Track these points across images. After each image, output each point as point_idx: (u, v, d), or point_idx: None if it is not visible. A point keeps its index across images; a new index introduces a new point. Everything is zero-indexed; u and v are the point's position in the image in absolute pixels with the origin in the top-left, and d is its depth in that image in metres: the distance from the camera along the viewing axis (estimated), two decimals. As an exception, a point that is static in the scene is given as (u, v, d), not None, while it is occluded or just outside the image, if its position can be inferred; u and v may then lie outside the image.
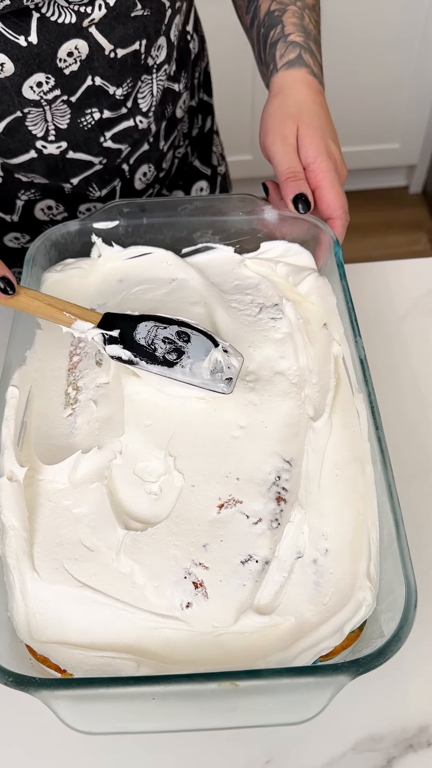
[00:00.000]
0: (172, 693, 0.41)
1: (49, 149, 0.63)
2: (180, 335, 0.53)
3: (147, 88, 0.65)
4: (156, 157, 0.73)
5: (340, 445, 0.52)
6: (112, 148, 0.67)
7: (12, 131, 0.62)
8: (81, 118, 0.63)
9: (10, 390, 0.53)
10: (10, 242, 0.73)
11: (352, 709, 0.48)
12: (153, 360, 0.53)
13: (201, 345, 0.53)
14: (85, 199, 0.71)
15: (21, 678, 0.40)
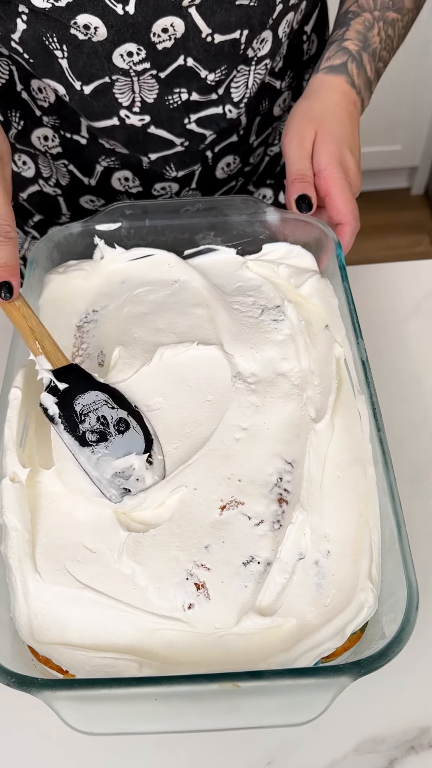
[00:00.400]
0: (174, 694, 0.41)
1: (132, 120, 0.64)
2: (119, 423, 0.50)
3: (242, 78, 0.64)
4: (244, 150, 0.72)
5: (341, 446, 0.52)
6: (195, 132, 0.66)
7: (99, 95, 0.62)
8: (168, 95, 0.63)
9: (13, 391, 0.53)
10: (85, 203, 0.74)
11: (354, 710, 0.48)
12: (72, 430, 0.50)
13: (129, 444, 0.50)
14: (161, 177, 0.70)
15: (23, 679, 0.40)
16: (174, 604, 0.45)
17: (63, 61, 0.59)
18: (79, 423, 0.50)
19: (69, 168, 0.70)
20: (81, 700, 0.42)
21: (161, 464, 0.51)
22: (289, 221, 0.64)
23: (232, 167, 0.73)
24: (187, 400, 0.55)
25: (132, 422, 0.51)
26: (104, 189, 0.72)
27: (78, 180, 0.71)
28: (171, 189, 0.71)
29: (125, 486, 0.49)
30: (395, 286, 0.75)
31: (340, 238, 0.60)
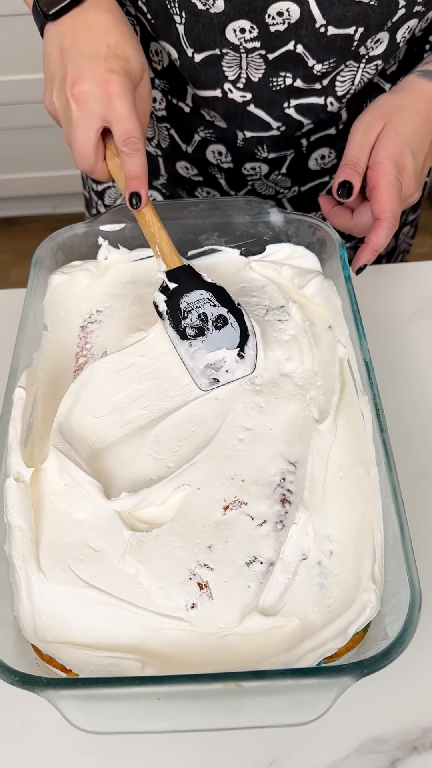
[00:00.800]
0: (177, 693, 0.41)
1: (234, 95, 0.65)
2: (217, 320, 0.56)
3: (350, 74, 0.64)
4: (341, 146, 0.71)
5: (344, 447, 0.52)
6: (293, 117, 0.67)
7: (207, 65, 0.64)
8: (273, 77, 0.64)
9: (17, 391, 0.53)
10: (180, 170, 0.76)
11: (356, 711, 0.48)
12: (176, 325, 0.56)
13: (224, 339, 0.56)
14: (252, 157, 0.71)
15: (27, 677, 0.41)
16: (177, 603, 0.45)
17: (180, 27, 0.62)
18: (182, 319, 0.56)
19: (170, 132, 0.72)
20: (84, 699, 0.42)
21: (253, 359, 0.56)
22: (292, 221, 0.64)
23: (327, 161, 0.73)
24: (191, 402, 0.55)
25: (231, 319, 0.56)
26: (199, 159, 0.73)
27: (177, 145, 0.73)
28: (260, 170, 0.72)
29: (215, 376, 0.55)
30: (399, 287, 0.75)
31: (374, 235, 0.59)
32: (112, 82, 0.54)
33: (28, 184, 1.88)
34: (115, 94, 0.54)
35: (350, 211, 0.63)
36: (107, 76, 0.54)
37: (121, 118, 0.54)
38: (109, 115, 0.55)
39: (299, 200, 0.77)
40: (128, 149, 0.55)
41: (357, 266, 0.61)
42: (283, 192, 0.75)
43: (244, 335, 0.56)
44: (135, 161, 0.55)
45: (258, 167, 0.72)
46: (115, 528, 0.48)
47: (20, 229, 1.98)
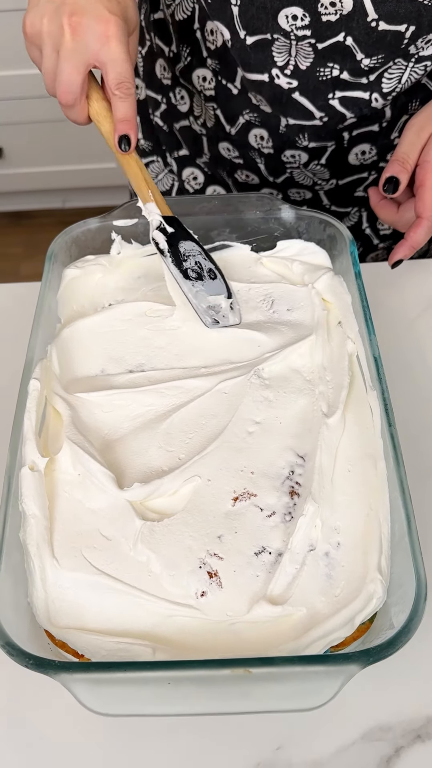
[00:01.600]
0: (187, 678, 0.42)
1: (280, 81, 0.66)
2: (210, 271, 0.59)
3: (398, 72, 0.64)
4: (383, 144, 0.72)
5: (353, 441, 0.53)
6: (336, 109, 0.67)
7: (257, 49, 0.64)
8: (320, 67, 0.64)
9: (32, 383, 0.54)
10: (222, 150, 0.77)
11: (362, 698, 0.49)
12: (177, 265, 0.58)
13: (218, 288, 0.59)
14: (293, 145, 0.72)
15: (41, 661, 0.42)
16: (187, 591, 0.46)
17: (235, 8, 0.62)
18: (183, 261, 0.58)
19: (216, 112, 0.73)
20: (97, 682, 0.43)
21: (239, 313, 0.60)
22: (304, 218, 0.65)
23: (367, 156, 0.73)
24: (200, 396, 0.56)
25: (218, 273, 0.60)
26: (241, 142, 0.74)
27: (221, 126, 0.74)
28: (300, 159, 0.73)
29: (215, 318, 0.59)
30: (409, 284, 0.75)
31: (414, 231, 0.60)
32: (111, 22, 0.54)
33: (38, 179, 1.89)
34: (113, 34, 0.54)
35: (397, 205, 0.64)
36: (107, 16, 0.54)
37: (117, 60, 0.54)
38: (104, 56, 0.54)
39: (336, 193, 0.78)
40: (121, 93, 0.55)
41: (393, 260, 0.62)
42: (320, 184, 0.76)
43: (228, 289, 0.60)
44: (127, 104, 0.55)
45: (298, 155, 0.72)
46: (127, 517, 0.49)
47: (30, 224, 1.99)
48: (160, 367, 0.58)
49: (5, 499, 0.49)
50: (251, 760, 0.47)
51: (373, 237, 0.84)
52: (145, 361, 0.59)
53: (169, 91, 0.78)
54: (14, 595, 0.46)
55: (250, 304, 0.62)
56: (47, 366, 0.57)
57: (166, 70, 0.77)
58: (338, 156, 0.73)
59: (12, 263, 1.88)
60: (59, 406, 0.55)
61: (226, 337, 0.60)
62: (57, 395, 0.56)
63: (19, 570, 0.48)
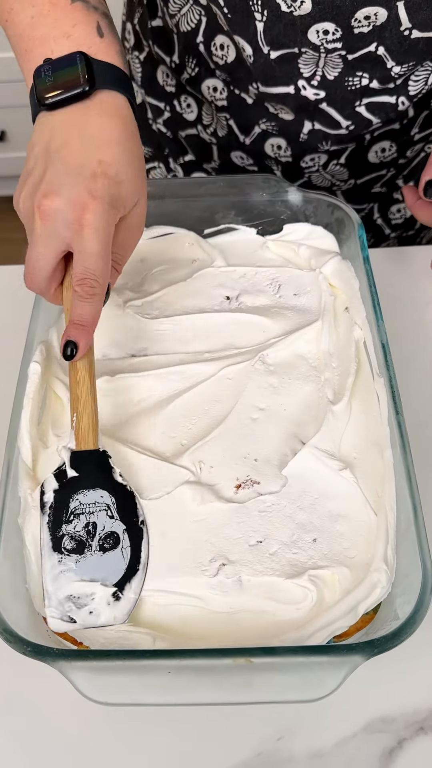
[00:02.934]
0: (188, 667, 0.41)
1: (307, 92, 0.64)
2: (107, 538, 0.45)
3: (424, 73, 0.63)
4: (403, 140, 0.71)
5: (359, 428, 0.52)
6: (363, 116, 0.66)
7: (283, 62, 0.62)
8: (349, 77, 0.62)
9: (32, 366, 0.53)
10: (235, 158, 0.74)
11: (364, 690, 0.48)
12: (53, 528, 0.45)
13: (104, 566, 0.45)
14: (313, 150, 0.70)
15: (39, 648, 0.41)
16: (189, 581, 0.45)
17: (259, 24, 0.59)
18: (64, 522, 0.45)
19: (229, 122, 0.70)
20: (96, 670, 0.43)
21: (130, 604, 0.44)
22: (311, 201, 0.64)
23: (387, 154, 0.72)
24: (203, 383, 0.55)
25: (124, 542, 0.45)
26: (256, 151, 0.72)
27: (235, 135, 0.71)
28: (319, 161, 0.71)
29: (71, 615, 0.43)
30: (417, 271, 0.74)
31: None
32: (89, 209, 0.45)
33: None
34: (89, 223, 0.45)
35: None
36: (86, 199, 0.45)
37: (86, 253, 0.45)
38: (75, 245, 0.45)
39: (353, 192, 0.76)
40: (82, 291, 0.45)
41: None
42: (338, 184, 0.74)
43: (131, 568, 0.45)
44: (86, 307, 0.46)
45: (317, 158, 0.71)
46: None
47: (33, 208, 1.97)
48: (162, 351, 0.57)
49: (4, 484, 0.48)
50: (252, 751, 0.47)
51: (385, 227, 0.83)
52: (148, 346, 0.58)
53: (173, 99, 0.75)
54: (12, 581, 0.46)
55: (256, 288, 0.61)
56: (48, 349, 0.56)
57: (170, 77, 0.73)
58: (358, 155, 0.72)
59: (14, 248, 1.86)
60: (60, 391, 0.54)
61: (230, 321, 0.59)
62: (58, 379, 0.55)
63: (18, 556, 0.47)
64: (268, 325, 0.58)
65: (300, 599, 0.45)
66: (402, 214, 0.81)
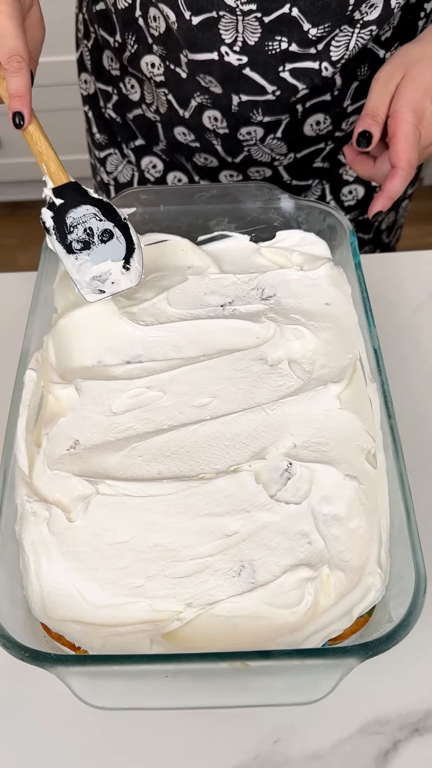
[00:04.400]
0: (185, 671, 0.41)
1: (230, 58, 0.65)
2: (103, 234, 0.57)
3: (344, 39, 0.65)
4: (336, 112, 0.72)
5: (352, 432, 0.52)
6: (288, 81, 0.67)
7: (204, 28, 0.64)
8: (269, 41, 0.64)
9: (28, 373, 0.54)
10: (178, 135, 0.76)
11: (360, 692, 0.49)
12: (62, 240, 0.57)
13: (110, 251, 0.58)
14: (247, 122, 0.71)
15: (37, 653, 0.41)
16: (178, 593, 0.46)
17: None
18: (68, 233, 0.58)
19: (168, 97, 0.73)
20: (93, 675, 0.43)
21: (138, 271, 0.58)
22: (303, 208, 0.64)
23: (322, 127, 0.73)
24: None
25: (116, 233, 0.58)
26: (196, 124, 0.74)
27: (175, 110, 0.73)
28: (256, 135, 0.72)
29: (101, 288, 0.58)
30: (407, 276, 0.75)
31: (390, 182, 0.59)
32: (1, 2, 0.54)
33: (34, 169, 1.87)
34: (3, 10, 0.54)
35: (373, 159, 0.63)
36: None
37: (6, 35, 0.54)
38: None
39: (295, 167, 0.77)
40: (12, 67, 0.54)
41: (372, 212, 0.60)
42: (279, 159, 0.75)
43: (129, 248, 0.58)
44: (18, 80, 0.55)
45: (253, 131, 0.72)
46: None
47: (26, 214, 1.97)
48: (158, 358, 0.58)
49: (1, 491, 0.48)
50: (249, 753, 0.47)
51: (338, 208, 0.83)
52: (143, 352, 0.58)
53: (119, 82, 0.78)
54: (10, 587, 0.46)
55: (249, 294, 0.62)
56: (44, 356, 0.57)
57: (114, 61, 0.77)
58: (294, 128, 0.73)
59: (8, 253, 1.87)
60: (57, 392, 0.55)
61: (223, 327, 0.59)
62: (54, 383, 0.55)
63: (15, 562, 0.47)
64: (261, 329, 0.59)
65: (295, 603, 0.45)
66: (354, 196, 0.82)
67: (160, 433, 0.53)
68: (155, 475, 0.51)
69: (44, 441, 0.53)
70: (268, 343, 0.57)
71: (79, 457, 0.52)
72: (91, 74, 0.82)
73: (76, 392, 0.55)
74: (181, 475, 0.51)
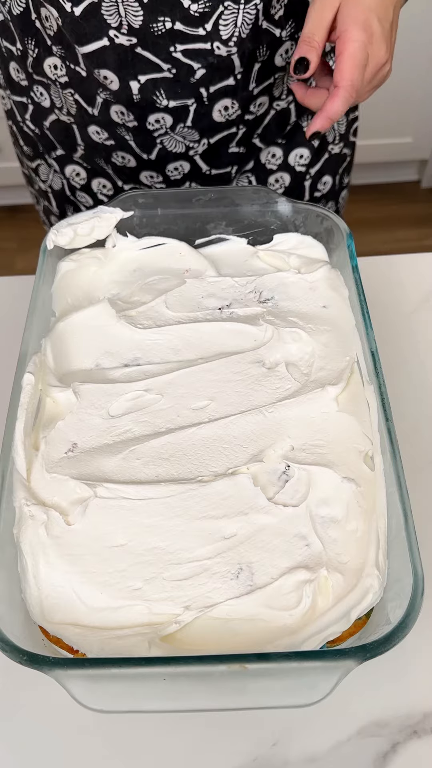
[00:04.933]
0: (183, 674, 0.41)
1: (120, 40, 0.65)
2: None
3: (231, 16, 0.64)
4: (243, 96, 0.71)
5: (349, 434, 0.53)
6: (182, 61, 0.66)
7: (88, 16, 0.63)
8: (153, 23, 0.63)
9: (26, 377, 0.54)
10: (93, 135, 0.75)
11: (358, 694, 0.49)
12: None
13: None
14: (153, 107, 0.70)
15: (35, 657, 0.41)
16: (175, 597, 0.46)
17: None
18: None
19: (75, 97, 0.72)
20: (91, 678, 0.43)
21: None
22: (300, 211, 0.65)
23: (231, 112, 0.72)
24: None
25: None
26: (106, 121, 0.73)
27: (84, 109, 0.73)
28: (165, 122, 0.71)
29: None
30: (404, 278, 0.75)
31: (330, 101, 0.57)
32: None
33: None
34: None
35: (326, 90, 0.61)
36: None
37: None
38: None
39: (210, 154, 0.76)
40: None
41: (310, 133, 0.59)
42: (193, 147, 0.74)
43: None
44: None
45: (162, 119, 0.71)
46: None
47: (24, 218, 1.97)
48: (156, 360, 0.58)
49: (-1, 494, 0.48)
50: (248, 756, 0.47)
51: None
52: (141, 355, 0.58)
53: (29, 91, 0.77)
54: (9, 590, 0.46)
55: (247, 297, 0.62)
56: (42, 360, 0.57)
57: (20, 72, 0.76)
58: (203, 115, 0.72)
59: (6, 257, 1.87)
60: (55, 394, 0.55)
61: (221, 330, 0.59)
62: (53, 387, 0.55)
63: (13, 565, 0.47)
64: (259, 332, 0.59)
65: (293, 605, 0.45)
66: (281, 183, 0.81)
67: (158, 436, 0.53)
68: (153, 478, 0.51)
69: (42, 444, 0.53)
70: (265, 346, 0.58)
71: (77, 460, 0.52)
72: (5, 89, 0.81)
73: (74, 395, 0.55)
74: (179, 478, 0.51)
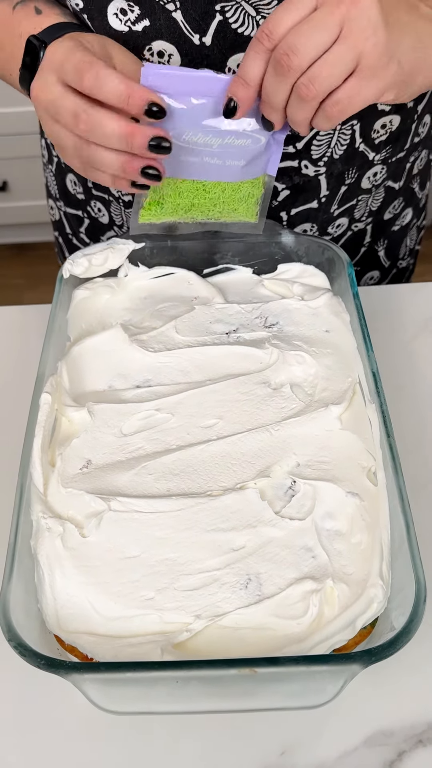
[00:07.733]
0: (195, 677, 0.43)
1: None
2: None
3: (326, 136, 0.63)
4: (323, 219, 0.71)
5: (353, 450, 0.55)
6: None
7: None
8: None
9: (44, 396, 0.56)
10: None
11: (364, 704, 0.50)
12: None
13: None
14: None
15: (53, 661, 0.43)
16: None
17: None
18: None
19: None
20: (106, 682, 0.44)
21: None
22: (303, 242, 0.68)
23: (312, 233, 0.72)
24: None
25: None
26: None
27: None
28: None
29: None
30: (404, 306, 0.77)
31: None
32: None
33: (39, 212, 1.93)
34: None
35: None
36: None
37: None
38: None
39: None
40: None
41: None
42: None
43: None
44: None
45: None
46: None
47: (32, 255, 2.02)
48: (166, 382, 0.60)
49: (17, 507, 0.50)
50: (256, 765, 0.48)
51: None
52: (152, 377, 0.61)
53: (86, 206, 0.76)
54: (26, 600, 0.47)
55: (252, 323, 0.65)
56: (58, 381, 0.59)
57: (77, 185, 0.75)
58: None
59: (15, 293, 1.91)
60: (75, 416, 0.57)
61: (228, 354, 0.62)
62: (68, 407, 0.58)
63: (30, 576, 0.49)
64: (265, 355, 0.61)
65: (300, 614, 0.47)
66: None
67: (168, 453, 0.55)
68: (165, 493, 0.53)
69: (58, 461, 0.55)
70: (271, 368, 0.60)
71: (92, 475, 0.54)
72: (57, 200, 0.80)
73: (88, 415, 0.57)
74: (189, 492, 0.53)
